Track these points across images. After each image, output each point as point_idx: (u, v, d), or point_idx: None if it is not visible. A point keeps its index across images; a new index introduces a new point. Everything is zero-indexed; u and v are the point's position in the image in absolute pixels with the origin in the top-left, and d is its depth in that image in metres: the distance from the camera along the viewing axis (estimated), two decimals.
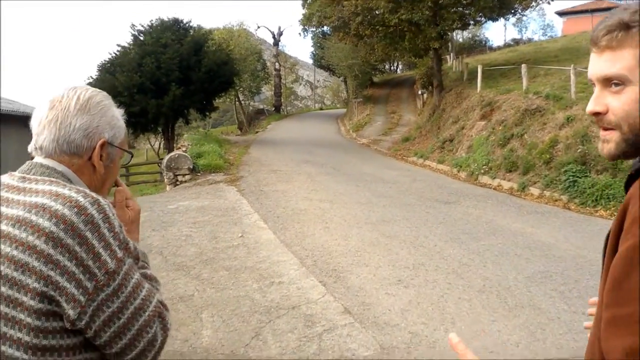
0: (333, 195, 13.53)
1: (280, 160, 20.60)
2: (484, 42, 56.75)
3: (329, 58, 43.43)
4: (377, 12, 25.92)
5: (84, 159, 1.59)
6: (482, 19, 29.09)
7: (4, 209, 1.44)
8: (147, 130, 30.30)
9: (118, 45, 28.98)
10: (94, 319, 1.39)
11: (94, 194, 1.47)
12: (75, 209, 1.39)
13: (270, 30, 52.24)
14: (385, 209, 11.85)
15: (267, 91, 59.54)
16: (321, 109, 64.52)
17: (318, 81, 78.86)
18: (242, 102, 50.88)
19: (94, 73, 29.43)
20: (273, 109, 53.87)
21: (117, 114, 1.73)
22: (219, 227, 10.43)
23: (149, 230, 10.45)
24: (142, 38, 29.25)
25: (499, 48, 47.66)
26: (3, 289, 1.37)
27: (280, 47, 53.39)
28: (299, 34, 50.67)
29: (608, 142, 1.27)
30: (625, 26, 1.20)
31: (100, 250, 1.39)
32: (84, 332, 1.40)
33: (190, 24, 31.11)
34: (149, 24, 30.06)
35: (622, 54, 1.21)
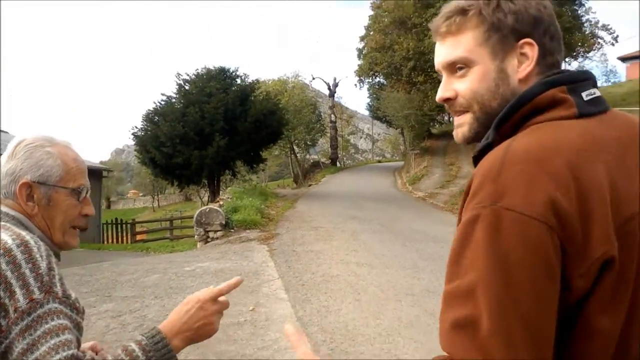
0: (374, 258, 11.67)
1: (325, 215, 18.86)
2: None
3: (385, 109, 41.88)
4: (429, 56, 24.33)
5: (16, 202, 1.69)
6: None
7: None
8: (191, 182, 29.22)
9: (162, 95, 28.21)
10: (6, 355, 1.41)
11: (27, 237, 1.55)
12: (1, 251, 1.47)
13: (325, 82, 50.97)
14: (433, 275, 9.92)
15: (324, 144, 58.46)
16: (379, 161, 62.87)
17: (378, 134, 77.62)
18: (298, 154, 49.73)
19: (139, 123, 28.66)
20: (329, 161, 52.51)
21: (52, 154, 1.73)
22: (230, 297, 8.60)
23: (151, 298, 8.97)
24: (187, 87, 28.44)
25: None
26: None
27: (336, 99, 52.25)
28: (355, 85, 49.39)
29: (462, 126, 1.35)
30: (462, 11, 1.28)
31: (17, 289, 1.44)
32: None
33: (237, 73, 30.15)
34: (195, 72, 29.31)
35: (462, 37, 1.29)
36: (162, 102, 28.09)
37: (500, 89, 1.28)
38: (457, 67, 1.31)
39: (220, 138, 25.32)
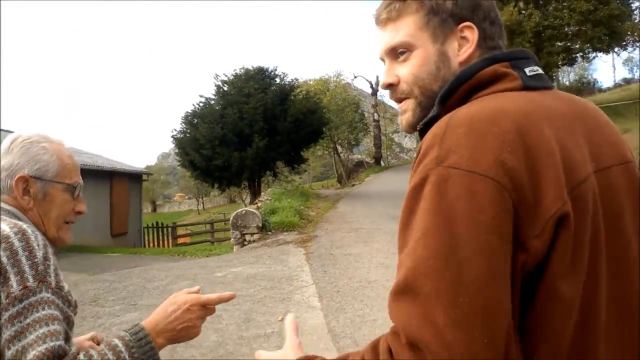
0: None
1: (366, 216, 18.15)
2: (592, 84, 52.61)
3: None
4: None
5: (11, 196, 1.72)
6: (590, 52, 26.03)
7: None
8: (231, 184, 28.85)
9: (201, 96, 27.91)
10: None
11: (25, 226, 1.57)
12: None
13: (367, 80, 50.13)
14: None
15: (368, 143, 57.69)
16: None
17: None
18: (341, 154, 49.10)
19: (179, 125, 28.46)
20: (373, 161, 51.72)
21: (49, 149, 1.76)
22: (260, 305, 8.16)
23: None
24: (225, 88, 28.10)
25: (608, 89, 43.79)
26: None
27: (379, 97, 51.32)
28: None
29: (405, 113, 1.36)
30: None
31: (11, 276, 1.45)
32: None
33: (276, 72, 29.70)
34: (233, 73, 28.95)
35: (402, 22, 1.30)
36: (201, 104, 27.82)
37: (442, 71, 1.28)
38: (398, 52, 1.32)
39: (260, 139, 24.90)
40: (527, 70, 1.22)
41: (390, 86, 1.36)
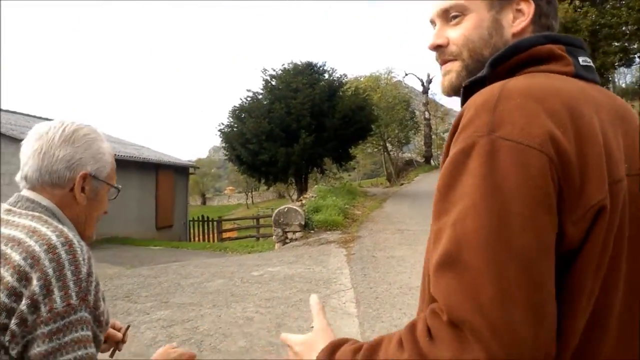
0: None
1: (413, 217, 17.61)
2: None
3: None
4: None
5: (65, 190, 1.65)
6: None
7: None
8: (278, 180, 28.59)
9: (248, 91, 27.69)
10: (27, 350, 1.38)
11: (70, 236, 1.51)
12: (45, 246, 1.44)
13: (418, 78, 49.31)
14: None
15: (418, 141, 56.89)
16: None
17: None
18: (391, 152, 48.46)
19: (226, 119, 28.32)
20: (423, 159, 50.97)
21: (105, 149, 1.75)
22: (294, 309, 7.78)
23: (208, 307, 8.17)
24: (273, 83, 27.79)
25: None
26: None
27: (430, 95, 50.46)
28: None
29: (449, 73, 1.31)
30: None
31: (55, 289, 1.40)
32: None
33: (325, 68, 29.30)
34: (282, 68, 28.67)
35: None
36: (248, 98, 27.62)
37: (494, 38, 1.25)
38: (451, 15, 1.29)
39: (307, 134, 24.59)
40: (580, 59, 1.19)
41: (438, 47, 1.32)
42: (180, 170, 26.83)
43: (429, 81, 49.05)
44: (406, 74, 53.54)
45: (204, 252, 15.80)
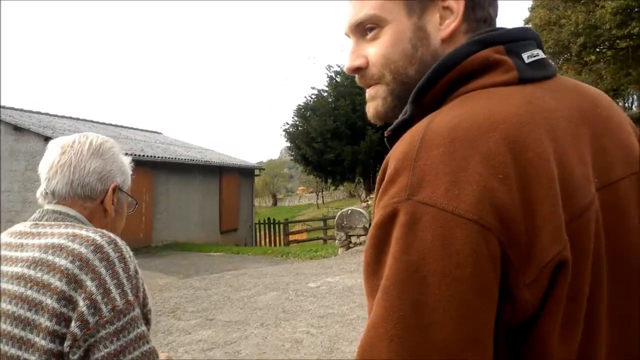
0: None
1: None
2: None
3: None
4: (601, 31, 20.92)
5: (96, 202, 1.65)
6: None
7: (18, 254, 1.49)
8: (344, 179, 27.73)
9: (313, 88, 26.95)
10: (89, 354, 1.35)
11: (111, 234, 1.51)
12: (92, 247, 1.43)
13: None
14: None
15: None
16: None
17: None
18: None
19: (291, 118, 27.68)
20: None
21: (126, 162, 1.78)
22: (349, 329, 6.90)
23: (255, 326, 7.38)
24: (338, 79, 26.81)
25: None
26: (16, 330, 1.38)
27: None
28: None
29: (374, 99, 1.11)
30: None
31: (112, 287, 1.39)
32: None
33: None
34: None
35: None
36: (313, 96, 26.82)
37: (419, 51, 1.05)
38: (366, 27, 1.07)
39: (373, 132, 23.77)
40: (525, 55, 0.99)
41: (357, 70, 1.10)
42: (245, 172, 26.13)
43: None
44: None
45: (264, 259, 15.01)
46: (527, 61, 0.99)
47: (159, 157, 18.50)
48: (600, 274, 0.91)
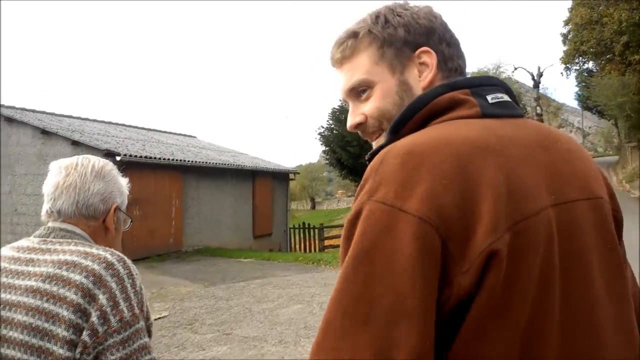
0: None
1: None
2: None
3: (596, 97, 36.51)
4: None
5: (99, 221, 1.76)
6: None
7: (30, 269, 1.58)
8: None
9: None
10: None
11: (120, 253, 1.63)
12: (104, 264, 1.55)
13: (529, 72, 46.46)
14: None
15: None
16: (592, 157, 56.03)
17: (589, 127, 71.41)
18: None
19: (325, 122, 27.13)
20: None
21: (124, 183, 1.89)
22: None
23: (273, 343, 7.06)
24: None
25: None
26: (34, 340, 1.47)
27: (541, 90, 47.39)
28: (561, 73, 44.30)
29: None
30: (353, 34, 1.28)
31: (120, 301, 1.51)
32: None
33: None
34: None
35: (358, 60, 1.27)
36: None
37: (405, 101, 1.23)
38: (359, 90, 1.28)
39: None
40: (489, 97, 1.16)
41: (358, 126, 1.29)
42: (279, 176, 25.65)
43: (540, 75, 46.08)
44: (515, 68, 50.43)
45: (294, 266, 14.47)
46: (490, 101, 1.14)
47: (189, 161, 18.07)
48: (550, 279, 0.99)
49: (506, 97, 1.18)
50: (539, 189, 1.02)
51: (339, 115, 25.67)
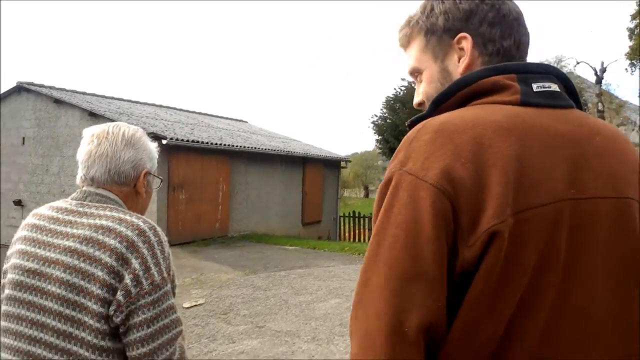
0: None
1: None
2: None
3: None
4: None
5: (130, 187, 1.88)
6: None
7: (69, 230, 1.71)
8: None
9: (402, 79, 25.74)
10: (130, 318, 1.60)
11: (151, 222, 1.76)
12: (137, 232, 1.67)
13: (591, 67, 44.78)
14: None
15: None
16: None
17: None
18: None
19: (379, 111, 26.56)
20: None
21: (154, 148, 1.99)
22: None
23: (306, 340, 6.72)
24: None
25: None
26: (70, 295, 1.62)
27: (603, 86, 45.64)
28: (625, 69, 42.42)
29: None
30: (408, 23, 1.38)
31: (151, 266, 1.64)
32: (119, 327, 1.61)
33: None
34: None
35: (411, 48, 1.39)
36: (403, 88, 25.62)
37: (445, 86, 1.27)
38: (415, 74, 1.41)
39: None
40: (535, 85, 1.18)
41: (420, 105, 1.41)
42: (331, 164, 25.27)
43: (603, 70, 44.33)
44: (578, 63, 48.78)
45: (339, 256, 14.10)
46: (535, 90, 1.17)
47: (237, 145, 17.84)
48: (549, 267, 1.05)
49: (554, 87, 1.20)
50: (556, 182, 1.07)
51: (393, 104, 25.05)
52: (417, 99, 1.41)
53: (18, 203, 17.96)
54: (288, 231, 20.75)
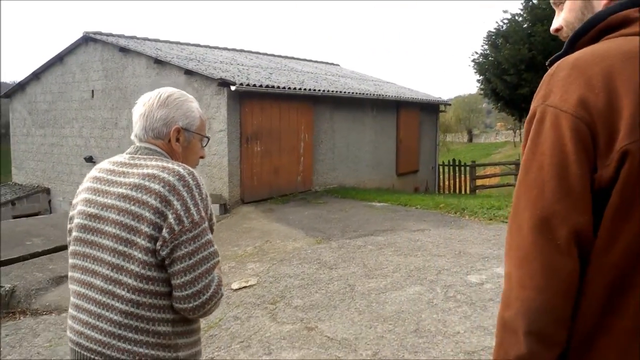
0: None
1: None
2: None
3: None
4: None
5: (164, 141, 2.13)
6: None
7: (122, 179, 2.00)
8: None
9: (505, 12, 22.92)
10: (174, 252, 1.87)
11: (190, 167, 2.03)
12: (177, 176, 1.93)
13: None
14: None
15: None
16: None
17: None
18: None
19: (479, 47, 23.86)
20: None
21: (194, 107, 2.20)
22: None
23: (365, 355, 4.73)
24: (534, 1, 22.22)
25: None
26: (123, 233, 1.92)
27: None
28: None
29: None
30: None
31: (191, 206, 1.91)
32: (164, 260, 1.89)
33: None
34: None
35: None
36: (506, 21, 22.70)
37: (586, 17, 1.41)
38: (557, 3, 1.54)
39: None
40: None
41: (557, 30, 1.54)
42: (428, 108, 22.91)
43: None
44: None
45: (432, 215, 12.03)
46: None
47: (319, 90, 15.95)
48: None
49: None
50: None
51: (495, 40, 22.32)
52: (555, 24, 1.54)
53: (89, 160, 17.07)
54: (381, 183, 18.92)
